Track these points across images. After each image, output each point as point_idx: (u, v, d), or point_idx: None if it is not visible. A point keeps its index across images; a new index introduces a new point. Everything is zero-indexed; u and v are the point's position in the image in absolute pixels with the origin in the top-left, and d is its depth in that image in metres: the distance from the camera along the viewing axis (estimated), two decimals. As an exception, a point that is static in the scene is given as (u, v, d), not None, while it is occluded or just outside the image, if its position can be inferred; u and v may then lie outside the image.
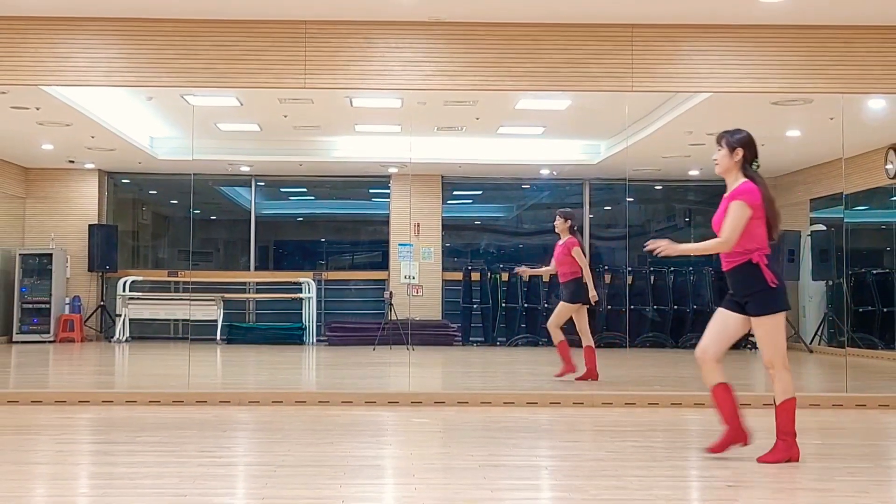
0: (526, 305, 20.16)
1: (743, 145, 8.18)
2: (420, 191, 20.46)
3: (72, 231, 20.22)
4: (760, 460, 7.61)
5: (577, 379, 12.96)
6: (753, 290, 7.74)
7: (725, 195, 8.12)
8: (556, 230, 13.40)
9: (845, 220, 15.14)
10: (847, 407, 11.32)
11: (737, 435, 7.89)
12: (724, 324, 8.01)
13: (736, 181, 8.15)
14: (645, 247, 7.91)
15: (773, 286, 7.70)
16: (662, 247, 7.80)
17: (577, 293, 13.19)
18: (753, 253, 7.82)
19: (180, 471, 7.22)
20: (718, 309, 8.04)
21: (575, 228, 13.39)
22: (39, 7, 11.23)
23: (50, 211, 20.29)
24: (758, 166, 8.14)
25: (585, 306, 13.32)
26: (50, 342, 19.34)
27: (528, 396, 11.46)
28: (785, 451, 7.69)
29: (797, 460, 7.64)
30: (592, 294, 13.23)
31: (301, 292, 19.98)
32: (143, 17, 11.55)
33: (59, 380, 14.53)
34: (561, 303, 13.35)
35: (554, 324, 13.33)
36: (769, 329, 7.82)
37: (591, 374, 13.14)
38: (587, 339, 13.26)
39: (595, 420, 10.26)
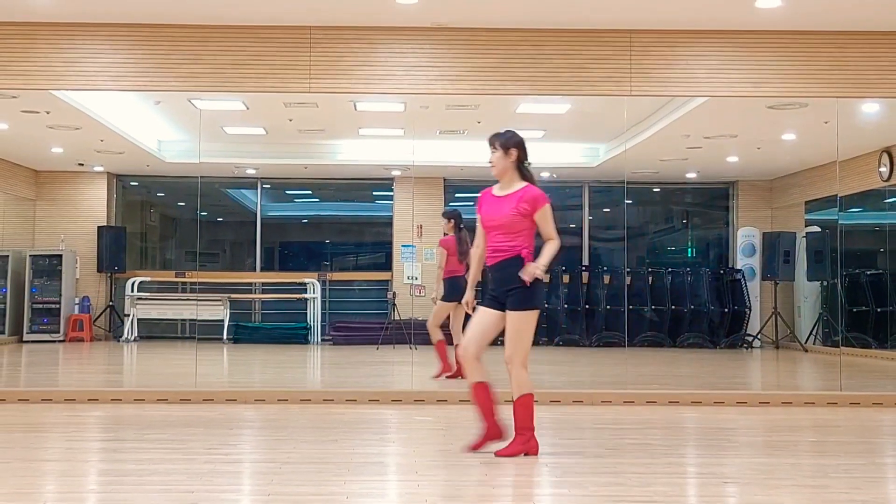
0: (526, 305, 20.11)
1: (516, 146, 8.23)
2: (423, 193, 20.46)
3: (81, 233, 20.23)
4: (498, 454, 7.64)
5: (448, 377, 12.95)
6: (516, 284, 7.74)
7: (502, 195, 8.09)
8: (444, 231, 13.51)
9: (840, 222, 15.14)
10: (841, 405, 11.32)
11: (493, 432, 7.87)
12: (484, 322, 8.00)
13: (513, 181, 8.15)
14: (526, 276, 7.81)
15: (534, 285, 7.75)
16: (532, 275, 7.73)
17: (451, 292, 13.24)
18: (523, 249, 7.82)
19: (188, 468, 7.22)
20: (479, 308, 8.05)
21: (461, 227, 13.43)
22: (49, 13, 11.23)
23: (60, 213, 20.29)
24: (529, 164, 8.14)
25: (452, 305, 13.36)
26: (60, 342, 19.34)
27: (528, 395, 11.45)
28: (522, 444, 7.72)
29: (535, 454, 7.70)
30: (434, 294, 13.51)
31: (306, 293, 19.96)
32: (151, 23, 11.57)
33: (69, 378, 14.53)
34: (438, 301, 13.40)
35: (433, 323, 13.38)
36: (521, 325, 7.88)
37: (461, 373, 13.17)
38: (458, 339, 13.30)
39: (594, 417, 10.26)
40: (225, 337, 19.24)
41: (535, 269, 7.68)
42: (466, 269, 13.12)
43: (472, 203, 22.45)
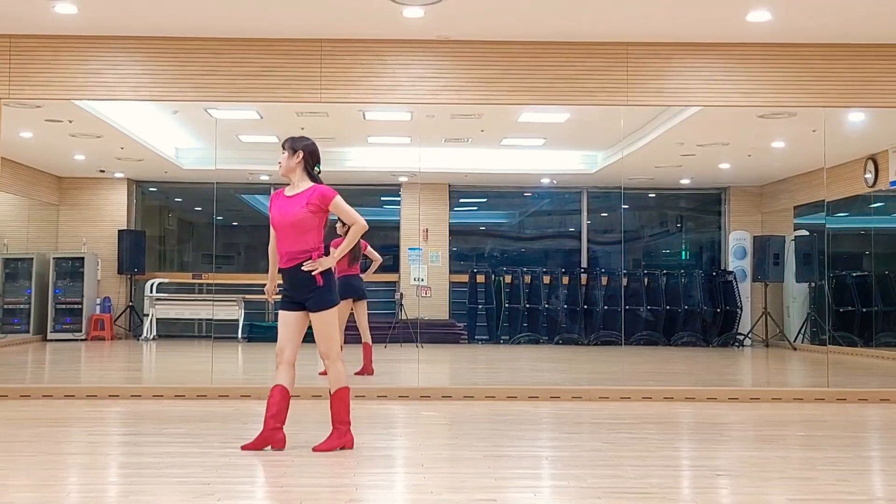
0: (528, 306, 20.17)
1: (304, 148, 7.97)
2: (429, 198, 20.47)
3: (102, 236, 20.25)
4: (316, 449, 7.58)
5: (356, 374, 12.95)
6: (312, 286, 7.69)
7: (292, 195, 7.84)
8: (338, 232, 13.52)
9: (827, 226, 15.14)
10: (828, 401, 11.32)
11: (275, 437, 7.70)
12: (291, 325, 7.94)
13: (302, 182, 7.89)
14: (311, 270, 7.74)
15: (327, 283, 7.72)
16: (318, 266, 7.68)
17: (343, 291, 13.26)
18: (314, 251, 7.73)
19: (204, 461, 7.22)
20: (280, 312, 7.91)
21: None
22: (72, 26, 11.24)
23: (82, 217, 20.31)
24: (319, 171, 7.99)
25: (362, 301, 13.38)
26: (82, 340, 19.35)
27: (529, 391, 11.45)
28: (339, 438, 7.68)
29: (351, 447, 7.67)
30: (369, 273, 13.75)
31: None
32: (169, 36, 11.57)
33: (91, 375, 14.52)
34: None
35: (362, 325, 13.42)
36: (326, 323, 7.81)
37: (366, 370, 13.17)
38: (365, 336, 13.30)
39: (593, 413, 10.26)
40: (239, 336, 19.23)
41: (321, 261, 7.65)
42: (361, 269, 13.26)
43: (476, 208, 22.57)
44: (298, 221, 7.75)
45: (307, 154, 7.95)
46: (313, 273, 7.65)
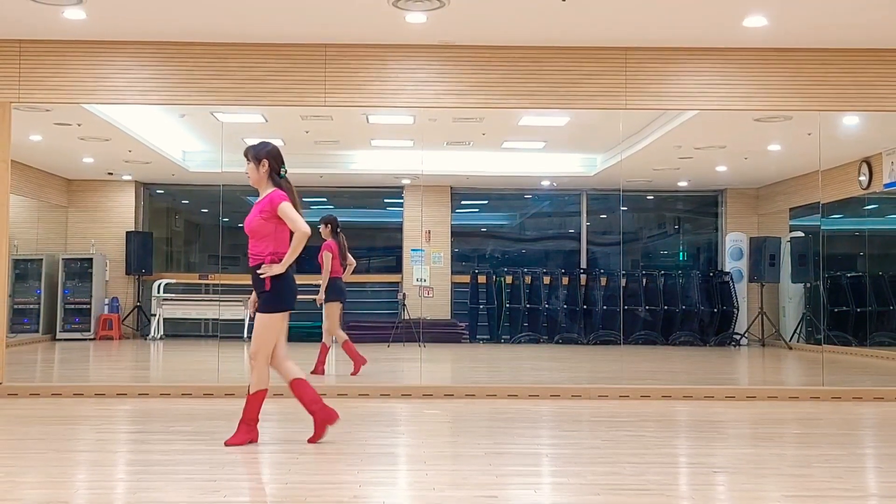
0: (528, 306, 20.18)
1: (267, 156, 8.05)
2: (431, 200, 20.47)
3: (111, 237, 20.26)
4: (227, 443, 7.66)
5: (311, 373, 13.00)
6: (262, 290, 7.77)
7: (257, 200, 7.96)
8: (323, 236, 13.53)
9: (822, 228, 15.11)
10: (824, 399, 11.32)
11: (327, 415, 7.86)
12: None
13: (268, 188, 7.99)
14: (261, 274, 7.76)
15: (275, 289, 7.76)
16: (268, 271, 7.68)
17: (337, 293, 13.31)
18: (267, 256, 7.79)
19: (210, 458, 7.23)
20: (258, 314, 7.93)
21: (338, 231, 13.48)
22: (80, 31, 11.25)
23: (91, 219, 20.32)
24: (285, 172, 8.05)
25: (338, 304, 13.41)
26: (90, 340, 19.36)
27: (530, 389, 11.46)
28: (247, 433, 7.77)
29: (256, 441, 7.80)
30: (318, 297, 13.49)
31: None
32: (176, 41, 11.58)
33: (99, 374, 14.54)
34: (324, 304, 13.41)
35: (335, 327, 13.39)
36: (264, 325, 7.85)
37: (318, 370, 13.19)
38: (326, 337, 13.31)
39: (592, 411, 10.26)
40: (245, 335, 19.19)
41: (269, 268, 7.67)
42: (344, 270, 13.29)
43: (477, 210, 22.59)
44: (254, 229, 7.91)
45: (271, 161, 8.03)
46: (262, 276, 7.66)
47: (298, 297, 8.08)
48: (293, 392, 7.97)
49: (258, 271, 7.74)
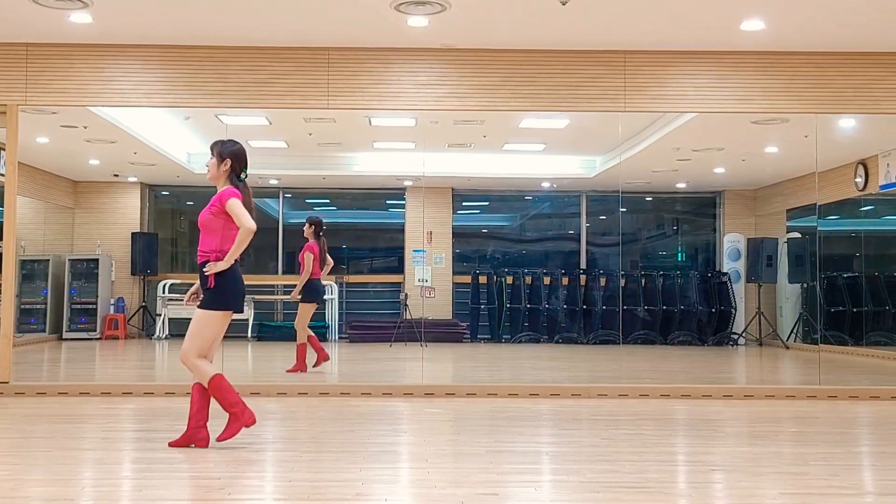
0: (528, 306, 20.18)
1: (232, 156, 7.88)
2: (432, 202, 20.47)
3: (116, 238, 20.25)
4: (220, 439, 7.50)
5: (288, 371, 13.12)
6: (206, 286, 7.63)
7: (214, 197, 7.79)
8: (304, 235, 13.56)
9: (819, 229, 15.11)
10: (820, 398, 11.32)
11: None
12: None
13: (223, 187, 7.83)
14: (206, 271, 7.63)
15: (219, 286, 7.61)
16: (212, 268, 7.59)
17: (315, 293, 13.37)
18: (213, 253, 7.68)
19: (215, 456, 7.23)
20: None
21: (321, 233, 13.53)
22: (86, 35, 11.26)
23: (96, 220, 20.31)
24: (245, 177, 7.90)
25: (312, 305, 13.56)
26: (96, 339, 19.36)
27: (530, 388, 11.46)
28: (237, 421, 7.54)
29: (254, 420, 7.63)
30: (294, 294, 13.57)
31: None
32: (181, 44, 11.59)
33: (105, 373, 14.54)
34: (300, 303, 13.43)
35: (302, 324, 13.40)
36: (200, 323, 7.68)
37: (320, 358, 13.30)
38: (301, 336, 13.32)
39: (591, 410, 10.26)
40: (249, 335, 19.24)
41: (213, 265, 7.56)
42: (321, 271, 13.35)
43: (478, 211, 22.58)
44: (204, 223, 7.78)
45: (234, 161, 7.87)
46: (206, 273, 7.59)
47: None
48: (201, 394, 7.74)
49: (205, 270, 7.60)
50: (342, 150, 18.05)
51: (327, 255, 13.71)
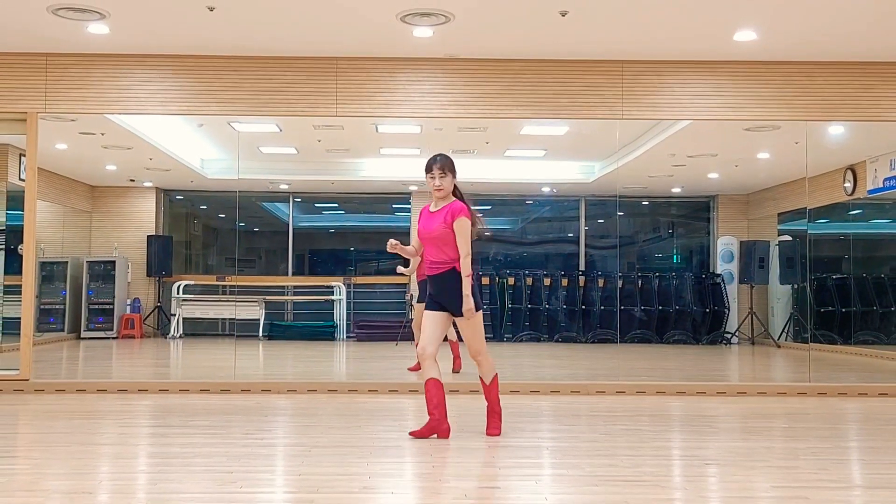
0: (529, 306, 20.17)
1: (454, 170, 8.20)
2: (437, 206, 20.45)
3: (132, 241, 20.26)
4: (489, 434, 7.90)
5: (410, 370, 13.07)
6: (457, 293, 7.82)
7: (445, 210, 8.02)
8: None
9: (809, 232, 15.08)
10: (810, 395, 11.32)
11: (438, 427, 7.87)
12: (435, 324, 7.99)
13: (451, 201, 8.06)
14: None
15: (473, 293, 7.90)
16: (469, 313, 7.92)
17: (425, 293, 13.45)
18: (450, 263, 7.91)
19: (227, 451, 7.23)
20: (426, 312, 8.01)
21: None
22: (104, 45, 11.28)
23: (113, 223, 20.32)
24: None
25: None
26: (113, 338, 19.36)
27: (531, 385, 11.46)
28: (498, 421, 8.11)
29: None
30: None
31: (333, 295, 19.97)
32: (195, 54, 11.60)
33: (121, 371, 14.54)
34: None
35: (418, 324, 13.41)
36: (468, 326, 7.99)
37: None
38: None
39: (590, 406, 10.25)
40: (260, 334, 19.24)
41: (470, 309, 7.95)
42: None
43: (481, 215, 22.45)
44: (440, 235, 7.99)
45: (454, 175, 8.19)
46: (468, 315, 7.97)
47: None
48: (438, 388, 7.96)
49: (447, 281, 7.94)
50: (350, 156, 18.04)
51: None
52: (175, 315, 19.57)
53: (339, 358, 15.25)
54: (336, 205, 22.65)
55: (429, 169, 8.14)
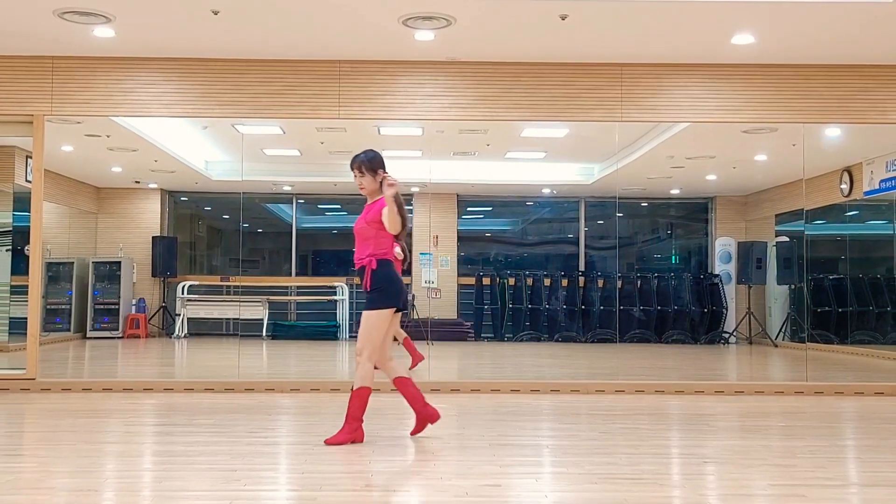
0: (530, 306, 20.18)
1: (381, 166, 8.23)
2: (438, 207, 20.47)
3: (137, 242, 20.28)
4: (328, 442, 7.45)
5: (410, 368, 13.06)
6: (367, 289, 7.62)
7: (370, 207, 7.98)
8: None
9: (806, 233, 15.09)
10: (807, 394, 11.31)
11: (423, 413, 7.75)
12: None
13: (379, 197, 7.93)
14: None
15: (373, 288, 7.60)
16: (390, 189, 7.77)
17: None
18: (368, 258, 7.72)
19: (231, 449, 7.23)
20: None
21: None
22: (109, 48, 11.28)
23: (119, 224, 20.34)
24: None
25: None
26: (119, 338, 19.38)
27: (531, 384, 11.45)
28: (347, 436, 7.52)
29: (361, 441, 7.57)
30: None
31: (335, 295, 19.97)
32: (199, 57, 11.60)
33: (127, 371, 14.55)
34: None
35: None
36: (370, 324, 7.58)
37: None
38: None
39: (590, 405, 10.25)
40: (264, 334, 19.24)
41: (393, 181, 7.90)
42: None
43: (482, 216, 22.56)
44: (359, 231, 7.91)
45: (384, 170, 8.25)
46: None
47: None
48: (403, 384, 7.82)
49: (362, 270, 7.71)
50: (352, 158, 18.05)
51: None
52: (180, 315, 19.59)
53: (342, 357, 15.24)
54: (339, 206, 22.64)
55: (350, 167, 8.07)
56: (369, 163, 7.95)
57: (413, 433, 7.88)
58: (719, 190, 20.29)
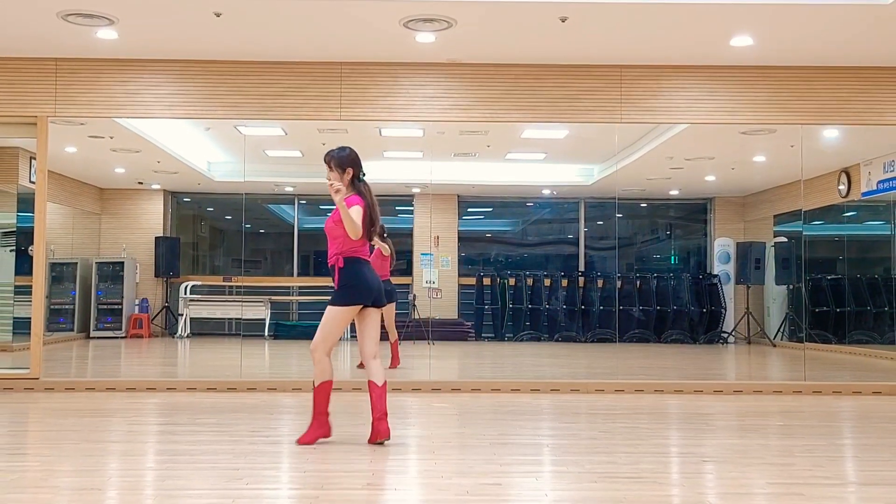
0: (530, 306, 20.17)
1: (351, 164, 8.22)
2: (439, 208, 20.47)
3: (140, 242, 20.29)
4: (299, 441, 7.42)
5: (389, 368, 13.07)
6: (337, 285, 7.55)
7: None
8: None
9: (804, 233, 15.12)
10: (805, 393, 11.31)
11: (378, 426, 7.47)
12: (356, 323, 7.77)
13: (348, 195, 7.95)
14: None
15: (340, 285, 7.56)
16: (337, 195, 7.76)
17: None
18: (335, 257, 7.74)
19: (233, 448, 7.24)
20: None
21: (385, 235, 13.72)
22: (112, 50, 11.28)
23: (122, 225, 20.35)
24: (364, 175, 8.26)
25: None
26: (122, 338, 19.38)
27: (531, 384, 11.45)
28: (317, 429, 7.51)
29: (329, 436, 7.56)
30: None
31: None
32: (201, 59, 11.60)
33: (130, 370, 14.55)
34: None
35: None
36: (329, 317, 7.52)
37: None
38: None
39: (589, 404, 10.25)
40: (266, 334, 19.24)
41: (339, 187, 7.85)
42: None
43: (482, 217, 22.56)
44: (328, 230, 7.96)
45: (354, 168, 8.29)
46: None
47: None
48: (373, 388, 7.67)
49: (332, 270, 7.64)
50: (354, 160, 18.04)
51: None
52: (182, 315, 19.59)
53: (344, 357, 15.22)
54: (340, 207, 22.63)
55: (324, 160, 8.08)
56: (338, 160, 7.95)
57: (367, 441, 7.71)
58: (718, 191, 20.29)
